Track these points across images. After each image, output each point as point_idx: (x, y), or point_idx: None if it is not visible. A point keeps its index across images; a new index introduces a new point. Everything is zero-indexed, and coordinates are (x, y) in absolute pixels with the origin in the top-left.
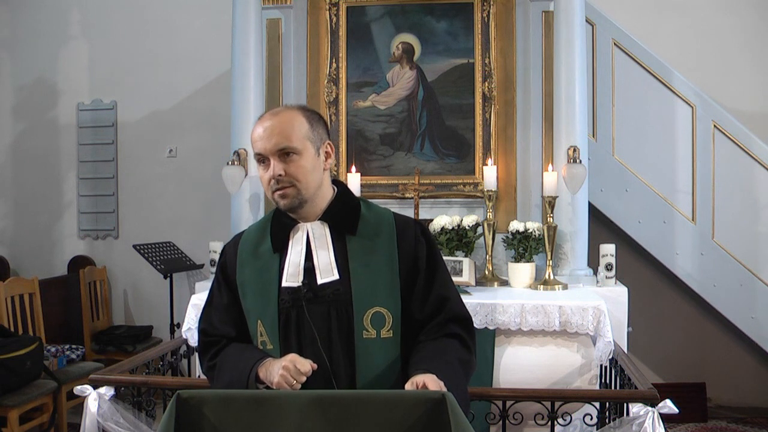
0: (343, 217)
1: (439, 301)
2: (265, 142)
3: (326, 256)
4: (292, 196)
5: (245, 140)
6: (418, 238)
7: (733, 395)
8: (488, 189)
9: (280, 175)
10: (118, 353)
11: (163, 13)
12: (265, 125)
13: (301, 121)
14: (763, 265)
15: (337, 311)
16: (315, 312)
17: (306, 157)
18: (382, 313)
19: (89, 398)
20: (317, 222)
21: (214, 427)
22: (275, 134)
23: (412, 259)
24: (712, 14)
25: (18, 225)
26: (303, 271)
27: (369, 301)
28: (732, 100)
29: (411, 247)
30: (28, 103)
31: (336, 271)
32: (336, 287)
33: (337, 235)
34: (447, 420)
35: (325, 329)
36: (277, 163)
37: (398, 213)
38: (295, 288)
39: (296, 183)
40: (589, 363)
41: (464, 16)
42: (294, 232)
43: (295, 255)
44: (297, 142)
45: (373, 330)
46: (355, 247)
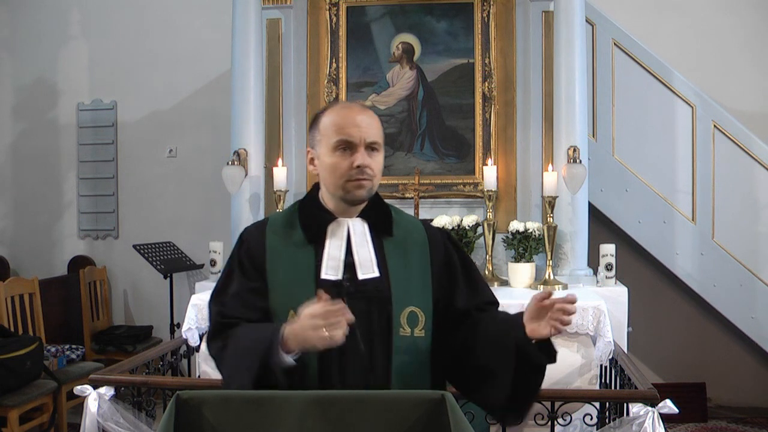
0: (380, 218)
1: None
2: (360, 131)
3: (367, 253)
4: (368, 189)
5: (245, 140)
6: (447, 246)
7: (733, 395)
8: (488, 189)
9: (367, 166)
10: (118, 353)
11: (163, 13)
12: (359, 116)
13: (380, 123)
14: (763, 265)
15: (378, 308)
16: (355, 307)
17: (382, 157)
18: (417, 313)
19: (89, 398)
20: (358, 219)
21: (214, 428)
22: (371, 127)
23: (443, 264)
24: (712, 14)
25: (18, 225)
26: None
27: (406, 300)
28: (732, 100)
29: (441, 253)
30: (28, 103)
31: (376, 268)
32: (376, 284)
33: (376, 234)
34: (447, 420)
35: (366, 325)
36: (367, 154)
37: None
38: (335, 281)
39: (373, 178)
40: (589, 363)
41: (464, 16)
42: (333, 226)
43: (334, 249)
44: (381, 140)
45: (409, 328)
46: (391, 247)
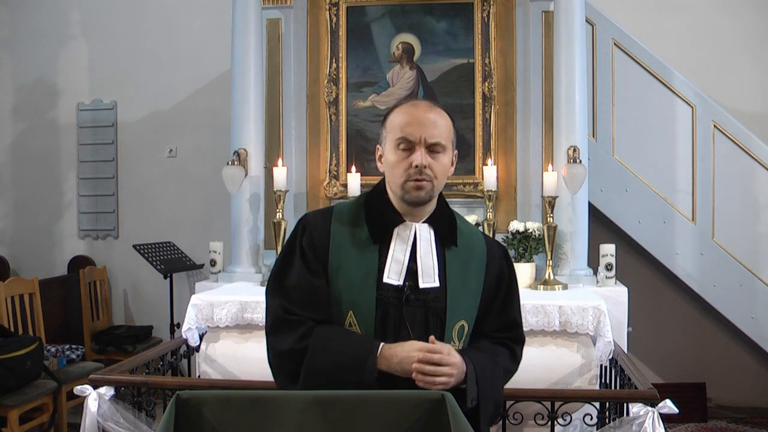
0: (445, 226)
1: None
2: (420, 129)
3: (430, 261)
4: (427, 190)
5: (245, 140)
6: (502, 262)
7: (733, 395)
8: (488, 189)
9: (426, 166)
10: (118, 353)
11: (163, 13)
12: (423, 115)
13: (449, 122)
14: (763, 265)
15: (433, 318)
16: (412, 314)
17: (446, 158)
18: (464, 326)
19: (89, 398)
20: (425, 224)
21: (214, 428)
22: (434, 126)
23: (494, 280)
24: (712, 14)
25: (18, 225)
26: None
27: (459, 314)
28: (732, 100)
29: (496, 269)
30: (28, 103)
31: (437, 278)
32: (435, 294)
33: (442, 242)
34: (447, 420)
35: (421, 334)
36: (426, 154)
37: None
38: (396, 286)
39: (433, 180)
40: (589, 363)
41: (464, 16)
42: (401, 228)
43: (399, 252)
44: (447, 141)
45: (457, 341)
46: (453, 258)
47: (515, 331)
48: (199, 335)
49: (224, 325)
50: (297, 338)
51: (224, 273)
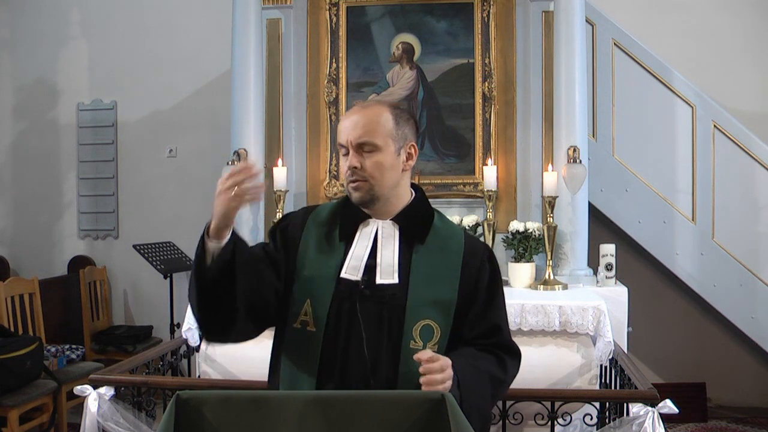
0: (415, 223)
1: (491, 329)
2: (348, 133)
3: (390, 258)
4: (364, 190)
5: (245, 140)
6: (484, 263)
7: (733, 395)
8: (488, 189)
9: (355, 167)
10: (118, 353)
11: (163, 13)
12: (352, 117)
13: (387, 117)
14: (763, 265)
15: (389, 315)
16: (367, 310)
17: (385, 155)
18: (432, 327)
19: (89, 398)
20: (389, 221)
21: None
22: (359, 127)
23: (473, 282)
24: (712, 14)
25: (18, 225)
26: (364, 267)
27: (422, 313)
28: (732, 100)
29: (475, 269)
30: (28, 103)
31: (397, 275)
32: (393, 291)
33: (406, 239)
34: (447, 420)
35: (374, 330)
36: (355, 155)
37: (469, 233)
38: (353, 281)
39: (370, 179)
40: (589, 363)
41: (464, 16)
42: (364, 225)
43: (359, 249)
44: (378, 139)
45: (420, 341)
46: (420, 255)
47: (498, 337)
48: (199, 335)
49: None
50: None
51: None
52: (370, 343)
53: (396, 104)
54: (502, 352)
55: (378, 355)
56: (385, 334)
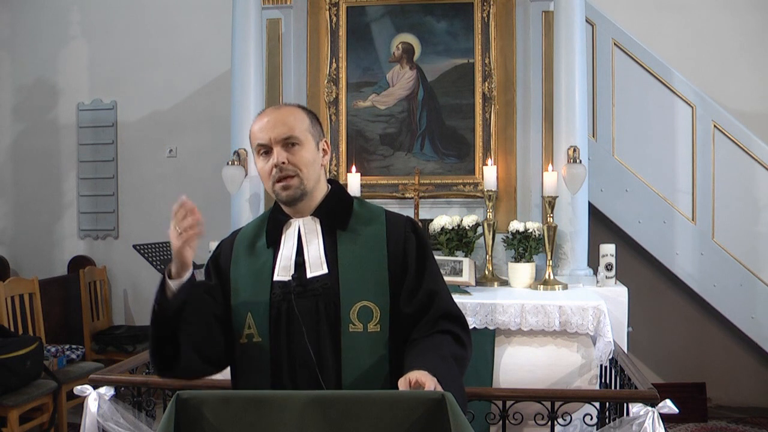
0: (334, 213)
1: (428, 295)
2: (268, 131)
3: (316, 250)
4: (294, 187)
5: (245, 140)
6: (408, 235)
7: (733, 395)
8: (488, 189)
9: (284, 162)
10: (118, 353)
11: (163, 13)
12: (269, 117)
13: (302, 115)
14: (763, 265)
15: (325, 305)
16: (303, 306)
17: (308, 149)
18: (370, 307)
19: (89, 398)
20: (309, 217)
21: (214, 428)
22: (279, 124)
23: (401, 255)
24: (711, 14)
25: (18, 225)
26: (294, 266)
27: (356, 295)
28: (732, 100)
29: (400, 242)
30: (28, 103)
31: (325, 265)
32: (324, 281)
33: (328, 230)
34: (447, 420)
35: (313, 323)
36: (281, 151)
37: (391, 211)
38: (285, 282)
39: (299, 172)
40: (589, 363)
41: (464, 16)
42: (287, 227)
43: (287, 250)
44: (300, 134)
45: (360, 324)
46: (345, 241)
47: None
48: None
49: None
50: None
51: None
52: (311, 336)
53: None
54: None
55: (321, 346)
56: (324, 324)
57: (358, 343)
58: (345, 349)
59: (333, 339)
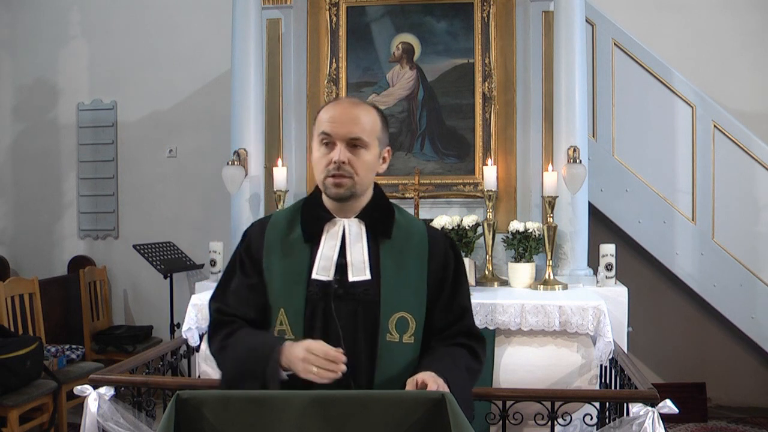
0: (379, 219)
1: (460, 311)
2: (339, 126)
3: (360, 255)
4: (346, 187)
5: (245, 140)
6: (448, 251)
7: (733, 395)
8: (488, 189)
9: (344, 162)
10: (118, 353)
11: (164, 13)
12: (343, 110)
13: (377, 118)
14: (763, 265)
15: (364, 311)
16: (342, 309)
17: (371, 154)
18: (407, 319)
19: (89, 398)
20: (354, 219)
21: (214, 428)
22: (352, 122)
23: (440, 271)
24: (711, 14)
25: (18, 225)
26: (335, 266)
27: (396, 305)
28: (732, 100)
29: (441, 259)
30: (28, 103)
31: (368, 271)
32: (366, 287)
33: (373, 236)
34: (447, 420)
35: (351, 327)
36: (345, 150)
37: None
38: (326, 282)
39: (354, 176)
40: (589, 363)
41: (464, 16)
42: (329, 225)
43: (328, 249)
44: (369, 137)
45: (397, 334)
46: (388, 250)
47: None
48: (198, 335)
49: None
50: (222, 338)
51: None
52: (348, 341)
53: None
54: (471, 342)
55: (356, 351)
56: (361, 330)
57: (393, 353)
58: (381, 357)
59: (369, 346)
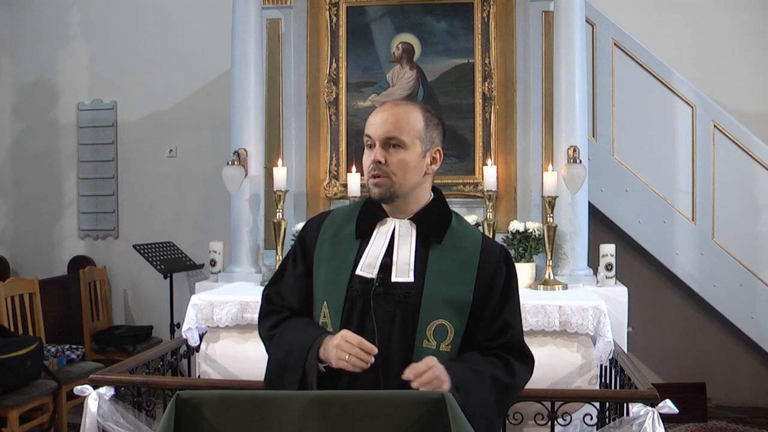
0: (433, 224)
1: (503, 327)
2: (377, 127)
3: (406, 256)
4: (384, 187)
5: (245, 140)
6: (500, 264)
7: (733, 395)
8: (488, 189)
9: (379, 162)
10: (118, 353)
11: (164, 13)
12: (384, 112)
13: (418, 117)
14: (763, 265)
15: (402, 313)
16: (381, 308)
17: (411, 154)
18: (446, 327)
19: (89, 398)
20: (406, 221)
21: (214, 428)
22: (389, 123)
23: (489, 282)
24: (711, 14)
25: (18, 225)
26: (380, 265)
27: (436, 313)
28: (732, 100)
29: (491, 271)
30: (28, 103)
31: (412, 273)
32: (407, 289)
33: (423, 239)
34: (447, 420)
35: (387, 328)
36: (381, 150)
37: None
38: (368, 279)
39: (392, 175)
40: (589, 363)
41: (464, 16)
42: (381, 224)
43: (376, 247)
44: (406, 136)
45: (434, 341)
46: (437, 256)
47: (507, 336)
48: (199, 335)
49: (224, 325)
50: (269, 326)
51: (224, 273)
52: (382, 340)
53: (428, 107)
54: (510, 356)
55: (390, 352)
56: (398, 332)
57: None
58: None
59: (404, 350)
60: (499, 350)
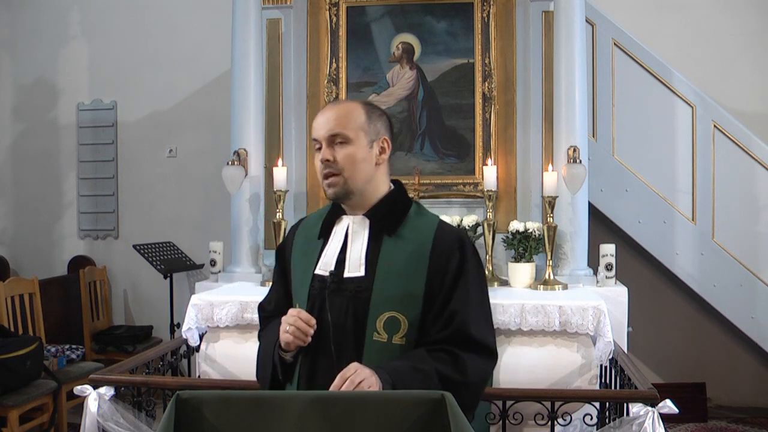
0: (386, 216)
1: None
2: (320, 128)
3: (358, 251)
4: (338, 185)
5: (245, 140)
6: (453, 252)
7: (733, 395)
8: (488, 189)
9: (328, 160)
10: (118, 353)
11: (164, 13)
12: (326, 113)
13: (359, 111)
14: (763, 265)
15: (354, 308)
16: (335, 303)
17: (357, 147)
18: (399, 320)
19: (89, 398)
20: (359, 216)
21: (214, 428)
22: (331, 121)
23: (441, 271)
24: (712, 14)
25: (18, 225)
26: (336, 262)
27: (387, 305)
28: (732, 100)
29: (444, 258)
30: (28, 103)
31: (363, 267)
32: (359, 284)
33: (376, 233)
34: (447, 420)
35: (341, 323)
36: (327, 148)
37: (447, 222)
38: (324, 277)
39: (342, 171)
40: (589, 363)
41: (464, 16)
42: (339, 222)
43: (333, 245)
44: (350, 131)
45: (385, 334)
46: (389, 248)
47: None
48: (199, 335)
49: (224, 325)
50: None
51: (224, 273)
52: (336, 336)
53: (368, 101)
54: (459, 348)
55: (343, 348)
56: (351, 326)
57: (380, 353)
58: (367, 356)
59: (356, 344)
60: (447, 343)
